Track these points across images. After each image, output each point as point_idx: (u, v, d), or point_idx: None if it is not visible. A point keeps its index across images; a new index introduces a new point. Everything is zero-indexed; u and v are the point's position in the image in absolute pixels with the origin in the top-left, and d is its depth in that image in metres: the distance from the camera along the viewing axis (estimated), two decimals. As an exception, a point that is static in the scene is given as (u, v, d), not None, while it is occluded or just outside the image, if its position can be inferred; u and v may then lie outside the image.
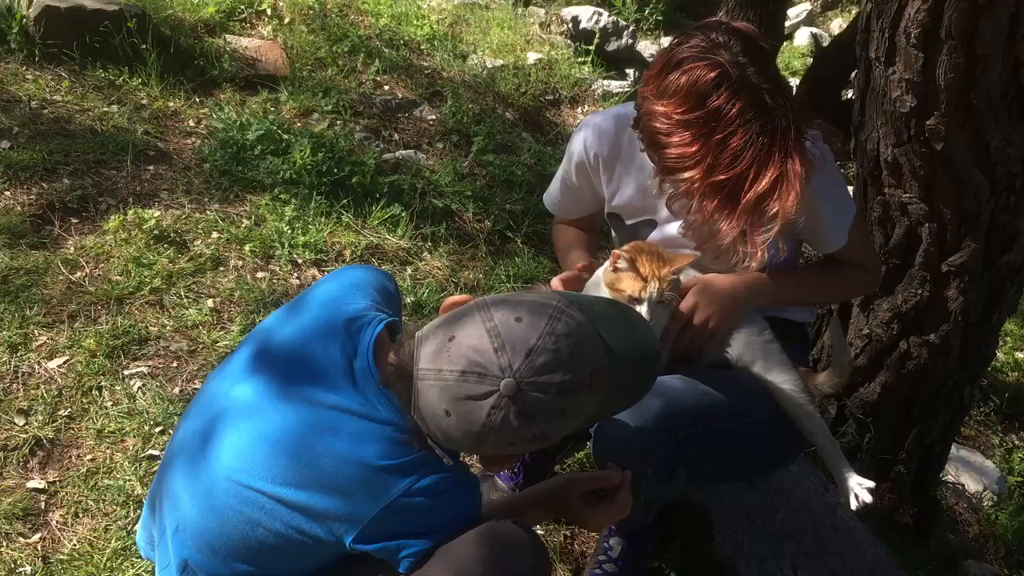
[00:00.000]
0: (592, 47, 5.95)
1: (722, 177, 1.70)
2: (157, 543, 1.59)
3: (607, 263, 1.88)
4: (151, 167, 3.48)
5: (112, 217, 3.09)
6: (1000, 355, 5.32)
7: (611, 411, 1.58)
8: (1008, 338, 5.51)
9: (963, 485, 3.84)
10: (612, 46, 6.55)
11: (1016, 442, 4.51)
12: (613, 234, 2.19)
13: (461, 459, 1.51)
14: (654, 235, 2.03)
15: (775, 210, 1.69)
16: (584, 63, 5.88)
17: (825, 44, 8.04)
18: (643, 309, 1.77)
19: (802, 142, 1.74)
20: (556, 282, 1.95)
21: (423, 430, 1.40)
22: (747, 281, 1.94)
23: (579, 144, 2.08)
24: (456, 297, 1.46)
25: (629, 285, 1.79)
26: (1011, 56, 2.17)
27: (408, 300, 3.12)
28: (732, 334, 1.98)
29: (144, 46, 3.92)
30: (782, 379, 1.96)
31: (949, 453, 3.19)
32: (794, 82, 5.53)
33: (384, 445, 1.41)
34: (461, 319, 1.35)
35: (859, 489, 1.95)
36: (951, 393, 2.78)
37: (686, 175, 1.73)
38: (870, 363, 2.76)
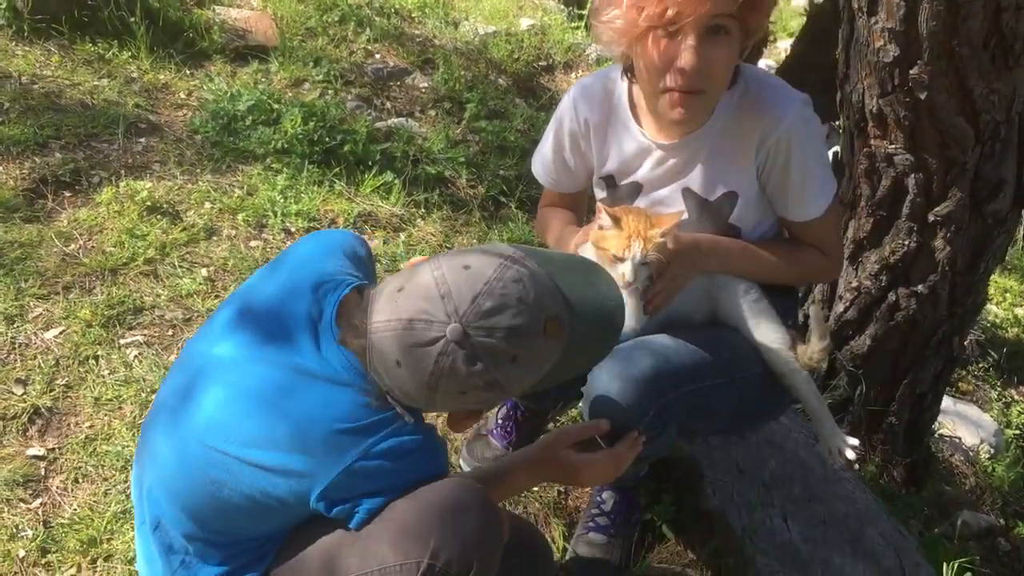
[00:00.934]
0: (585, 12, 5.90)
1: None
2: (135, 499, 1.60)
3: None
4: (142, 139, 3.49)
5: (104, 189, 3.11)
6: (999, 311, 5.34)
7: (574, 367, 1.52)
8: (1008, 294, 5.54)
9: (960, 439, 3.87)
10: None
11: (1015, 396, 4.54)
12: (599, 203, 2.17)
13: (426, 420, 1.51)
14: (641, 202, 2.03)
15: None
16: (577, 28, 5.84)
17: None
18: (626, 268, 1.76)
19: None
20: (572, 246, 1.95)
21: (383, 389, 1.40)
22: (711, 238, 1.93)
23: (569, 110, 2.04)
24: (417, 258, 1.46)
25: (613, 244, 1.78)
26: (993, 2, 2.16)
27: (401, 266, 3.14)
28: (721, 294, 1.98)
29: (133, 19, 3.93)
30: (770, 337, 1.97)
31: (941, 404, 3.21)
32: (790, 42, 5.50)
33: (344, 407, 1.40)
34: (412, 273, 1.36)
35: (843, 446, 1.97)
36: (941, 343, 2.79)
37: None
38: (860, 315, 2.78)
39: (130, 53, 3.94)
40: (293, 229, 3.19)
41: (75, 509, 2.13)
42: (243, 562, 1.52)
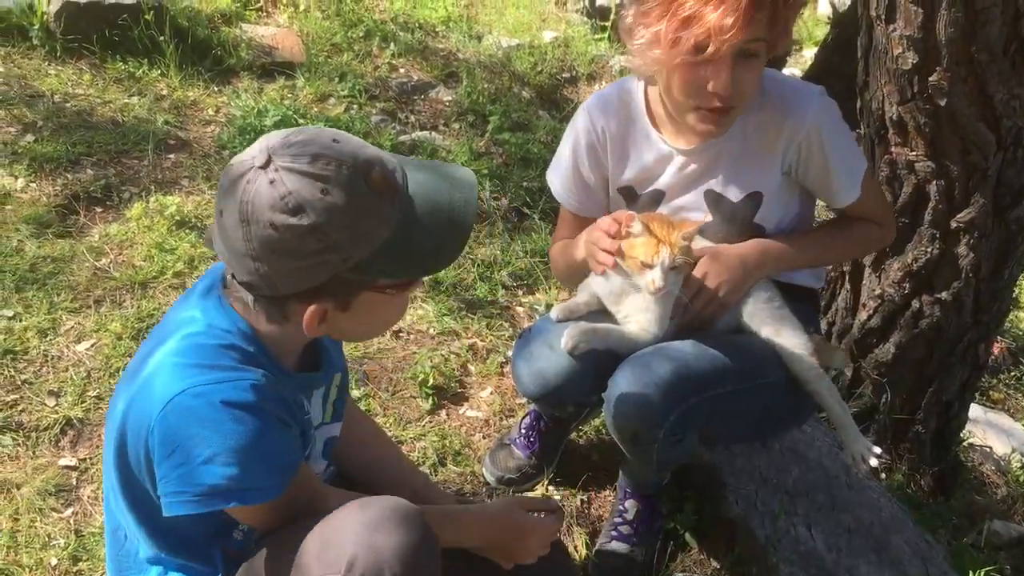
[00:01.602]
0: (608, 23, 5.93)
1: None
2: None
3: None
4: (172, 155, 3.56)
5: (135, 205, 3.17)
6: (1031, 319, 5.27)
7: (414, 248, 1.34)
8: (1039, 301, 5.46)
9: (990, 448, 3.82)
10: (629, 22, 6.52)
11: (1048, 405, 4.48)
12: None
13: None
14: (663, 209, 2.04)
15: None
16: (600, 40, 5.86)
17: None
18: (656, 274, 1.78)
19: None
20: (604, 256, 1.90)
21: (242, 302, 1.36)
22: (757, 249, 1.95)
23: (585, 123, 2.05)
24: None
25: (642, 251, 1.80)
26: (1012, 8, 2.15)
27: (425, 278, 3.17)
28: (743, 301, 1.99)
29: (162, 38, 4.01)
30: (792, 343, 1.97)
31: (969, 412, 3.18)
32: (815, 51, 5.48)
33: (189, 342, 1.34)
34: None
35: (867, 454, 1.97)
36: (966, 351, 2.77)
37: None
38: (883, 323, 2.76)
39: (160, 71, 4.02)
40: (318, 242, 3.22)
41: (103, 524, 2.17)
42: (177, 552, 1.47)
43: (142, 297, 2.82)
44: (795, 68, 6.81)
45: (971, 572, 2.40)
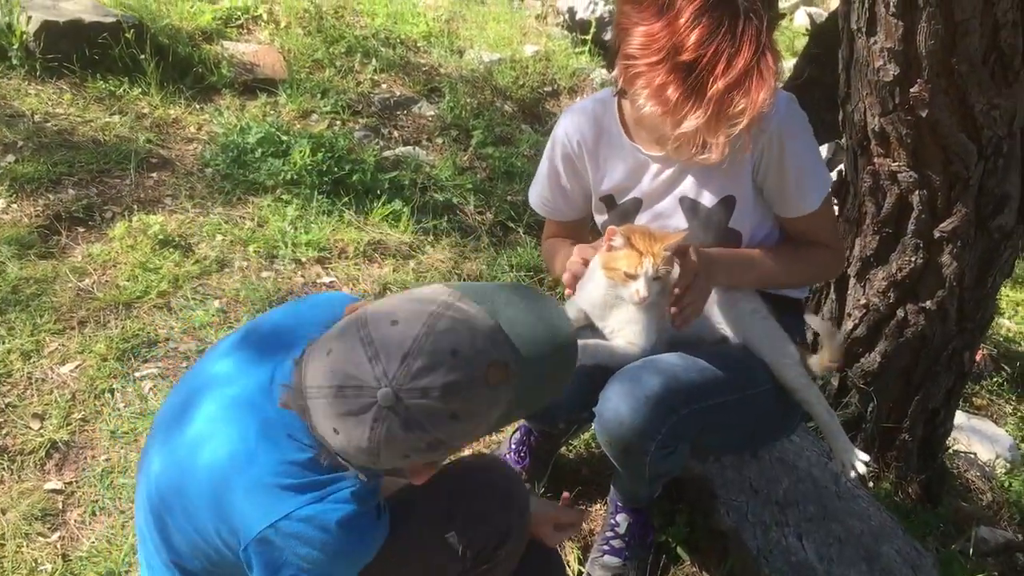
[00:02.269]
0: (589, 37, 5.96)
1: (687, 58, 1.65)
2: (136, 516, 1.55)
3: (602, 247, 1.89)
4: (154, 174, 3.54)
5: (117, 224, 3.15)
6: (1012, 325, 5.33)
7: (533, 402, 1.45)
8: (1020, 308, 5.53)
9: (975, 454, 3.85)
10: (609, 35, 6.57)
11: (1030, 410, 4.52)
12: (600, 226, 2.18)
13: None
14: (642, 217, 2.05)
15: (743, 105, 1.66)
16: (581, 53, 5.89)
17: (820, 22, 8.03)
18: (640, 284, 1.79)
19: (772, 42, 1.70)
20: (568, 276, 1.96)
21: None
22: (723, 250, 1.96)
23: (562, 134, 2.06)
24: (356, 303, 1.37)
25: (625, 263, 1.81)
26: (990, 19, 2.18)
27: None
28: (726, 310, 2.00)
29: (143, 56, 3.99)
30: (779, 353, 1.99)
31: (954, 419, 3.20)
32: (793, 61, 5.53)
33: (285, 459, 1.34)
34: (341, 329, 1.26)
35: (855, 462, 1.98)
36: (951, 359, 2.79)
37: (651, 59, 1.68)
38: (869, 333, 2.78)
39: (141, 89, 4.00)
40: (303, 259, 3.22)
41: (93, 542, 2.15)
42: None
43: (126, 317, 2.79)
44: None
45: (961, 579, 2.42)
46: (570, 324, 1.42)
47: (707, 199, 1.96)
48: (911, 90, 2.31)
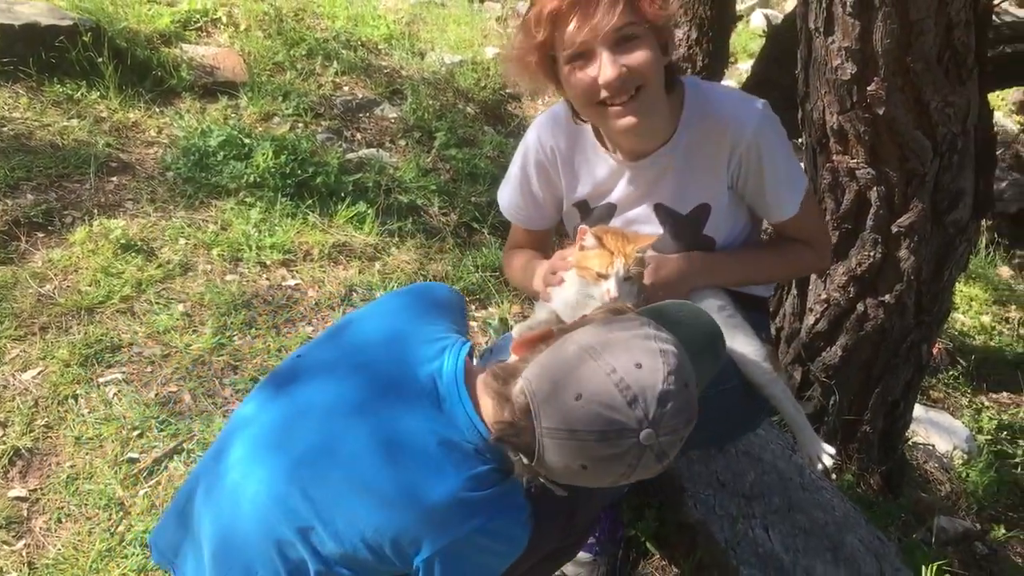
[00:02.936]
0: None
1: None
2: (187, 544, 1.56)
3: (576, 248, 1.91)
4: (114, 178, 3.50)
5: (78, 229, 3.11)
6: (966, 319, 5.44)
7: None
8: (973, 303, 5.64)
9: (933, 446, 3.92)
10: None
11: (985, 402, 4.62)
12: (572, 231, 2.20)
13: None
14: (616, 222, 2.06)
15: None
16: (542, 55, 5.91)
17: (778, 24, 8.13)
18: (611, 284, 1.80)
19: None
20: (538, 282, 1.98)
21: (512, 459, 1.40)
22: (696, 257, 1.98)
23: (535, 142, 2.06)
24: (530, 335, 1.44)
25: (596, 262, 1.82)
26: (944, 18, 2.23)
27: (377, 294, 3.16)
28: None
29: (100, 59, 3.94)
30: (746, 349, 2.00)
31: (913, 411, 3.26)
32: (750, 64, 5.60)
33: (468, 472, 1.40)
34: (578, 372, 1.31)
35: (821, 454, 2.01)
36: (910, 351, 2.85)
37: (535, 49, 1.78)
38: (830, 327, 2.82)
39: (99, 93, 3.96)
40: (268, 262, 3.20)
41: (59, 549, 2.13)
42: None
43: (89, 323, 2.76)
44: (731, 80, 6.94)
45: (923, 568, 2.46)
46: (711, 318, 1.58)
47: (681, 206, 1.98)
48: (868, 88, 2.35)
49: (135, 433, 2.44)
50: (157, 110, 4.05)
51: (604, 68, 1.73)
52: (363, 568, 1.41)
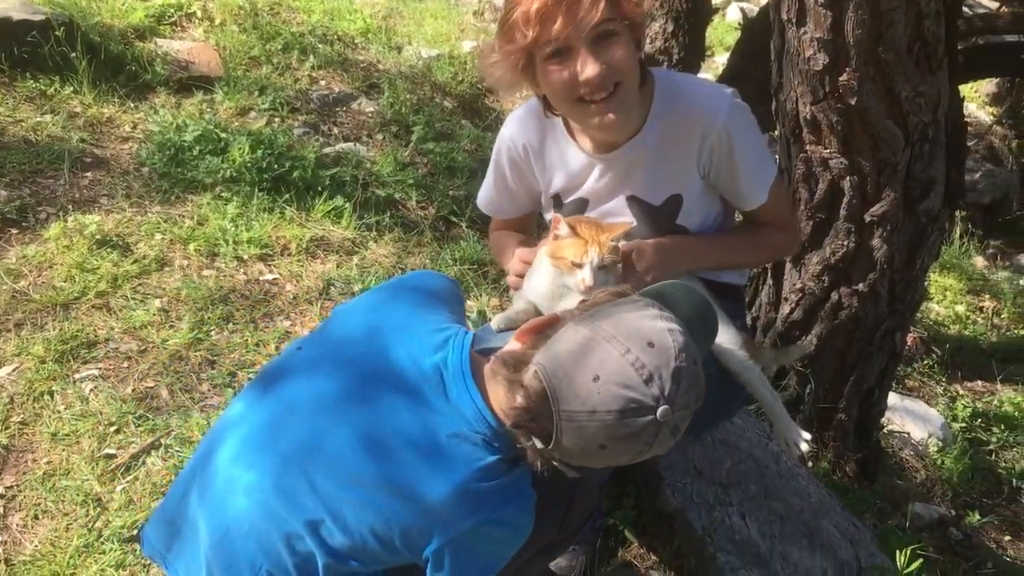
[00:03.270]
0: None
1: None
2: (182, 541, 1.56)
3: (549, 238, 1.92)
4: (89, 174, 3.47)
5: (52, 225, 3.09)
6: (941, 309, 5.50)
7: None
8: (948, 292, 5.70)
9: (908, 433, 3.97)
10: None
11: (960, 391, 4.67)
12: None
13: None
14: (589, 215, 2.07)
15: None
16: (519, 48, 5.91)
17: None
18: (586, 272, 1.81)
19: None
20: (512, 280, 2.00)
21: (519, 445, 1.43)
22: (674, 240, 2.00)
23: (507, 139, 2.09)
24: (535, 321, 1.47)
25: (571, 251, 1.83)
26: (914, 9, 2.26)
27: (356, 288, 3.16)
28: None
29: (74, 54, 3.91)
30: (722, 337, 2.02)
31: (888, 400, 3.30)
32: (726, 57, 5.63)
33: (477, 463, 1.41)
34: (593, 354, 1.34)
35: (798, 440, 2.04)
36: (884, 339, 2.88)
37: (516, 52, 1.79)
38: (805, 316, 2.85)
39: (72, 88, 3.93)
40: (245, 257, 3.19)
41: (36, 546, 2.11)
42: None
43: (64, 319, 2.74)
44: (707, 73, 6.97)
45: (898, 553, 2.49)
46: (702, 291, 1.64)
47: (653, 197, 1.99)
48: (840, 79, 2.37)
49: (112, 429, 2.43)
50: (132, 105, 4.02)
51: (586, 66, 1.75)
52: (372, 559, 1.43)
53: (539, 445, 1.38)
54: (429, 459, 1.39)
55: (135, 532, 2.11)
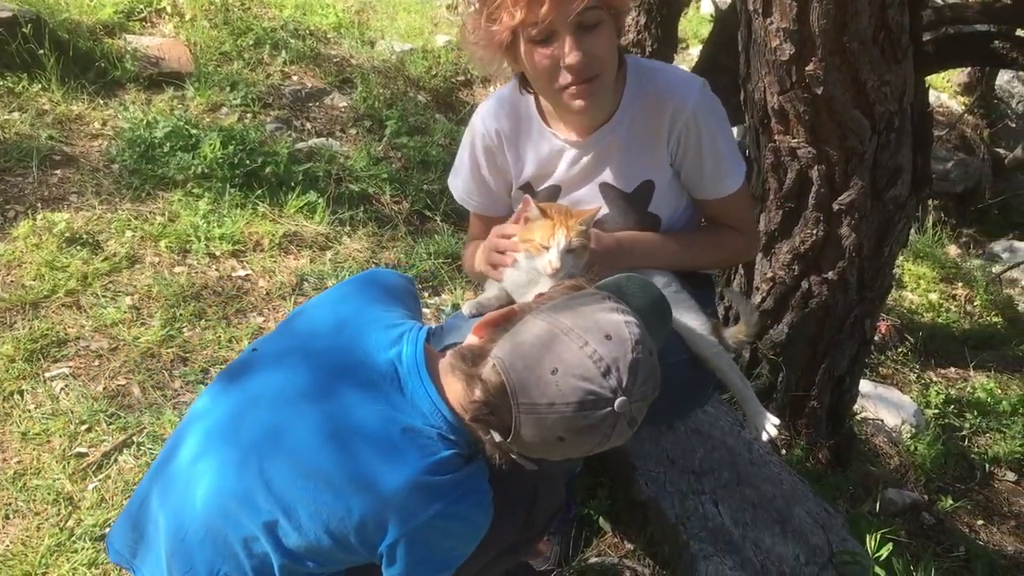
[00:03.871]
0: (500, 26, 5.98)
1: None
2: (146, 544, 1.55)
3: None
4: (58, 171, 3.45)
5: (21, 223, 3.07)
6: (914, 297, 5.56)
7: None
8: (921, 281, 5.75)
9: (882, 420, 4.01)
10: (520, 24, 6.58)
11: (933, 378, 4.72)
12: None
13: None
14: (561, 203, 2.08)
15: None
16: (493, 42, 5.91)
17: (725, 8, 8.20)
18: (553, 255, 1.81)
19: None
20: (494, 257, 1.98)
21: (475, 439, 1.44)
22: (630, 236, 2.01)
23: (480, 126, 2.08)
24: (492, 315, 1.48)
25: (539, 234, 1.83)
26: (878, -1, 2.28)
27: (329, 283, 3.16)
28: None
29: (42, 51, 3.87)
30: (693, 324, 2.03)
31: (860, 387, 3.33)
32: (700, 48, 5.66)
33: (431, 456, 1.41)
34: (551, 347, 1.34)
35: (767, 425, 2.05)
36: (854, 327, 2.91)
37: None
38: (776, 305, 2.87)
39: (41, 85, 3.89)
40: (217, 253, 3.18)
41: (7, 545, 2.10)
42: None
43: (34, 317, 2.72)
44: (682, 64, 6.99)
45: (868, 538, 2.51)
46: (654, 286, 1.66)
47: (625, 184, 2.00)
48: (806, 68, 2.39)
49: (83, 427, 2.42)
50: (101, 102, 3.99)
51: (569, 53, 1.76)
52: (328, 559, 1.43)
53: (498, 438, 1.38)
54: (385, 453, 1.40)
55: (107, 531, 2.10)
